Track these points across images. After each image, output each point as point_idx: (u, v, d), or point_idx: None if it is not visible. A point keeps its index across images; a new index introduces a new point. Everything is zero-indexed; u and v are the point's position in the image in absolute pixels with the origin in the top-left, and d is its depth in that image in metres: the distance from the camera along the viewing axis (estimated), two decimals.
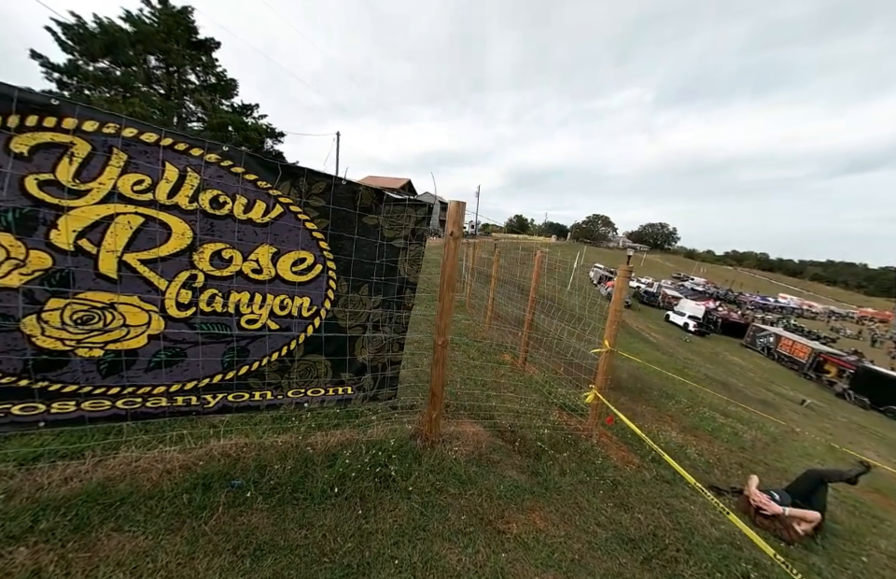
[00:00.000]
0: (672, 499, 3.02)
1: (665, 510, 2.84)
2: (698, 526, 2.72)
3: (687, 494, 3.30)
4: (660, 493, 3.04)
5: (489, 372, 4.97)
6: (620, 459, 3.46)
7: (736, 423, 7.07)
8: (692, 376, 15.30)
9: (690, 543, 2.53)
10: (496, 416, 3.49)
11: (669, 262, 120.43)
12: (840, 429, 14.88)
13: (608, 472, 3.11)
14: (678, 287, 54.90)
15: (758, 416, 10.66)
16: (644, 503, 2.85)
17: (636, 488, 3.01)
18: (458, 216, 2.52)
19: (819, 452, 8.40)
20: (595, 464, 3.17)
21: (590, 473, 3.02)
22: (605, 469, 3.15)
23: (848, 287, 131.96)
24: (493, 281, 7.36)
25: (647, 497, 2.94)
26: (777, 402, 17.04)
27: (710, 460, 4.34)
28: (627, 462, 3.43)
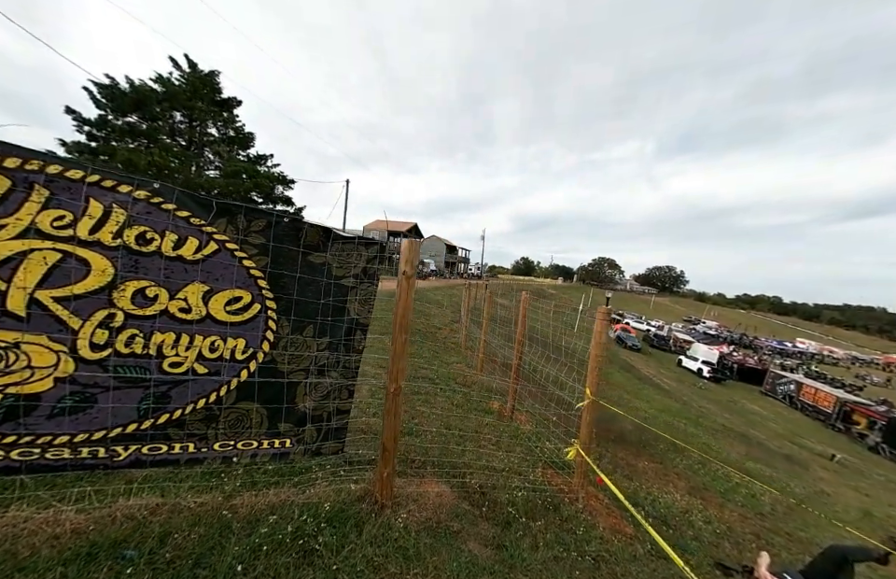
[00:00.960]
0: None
1: None
2: None
3: None
4: (653, 573, 2.59)
5: (472, 421, 4.60)
6: (609, 528, 3.02)
7: (754, 483, 6.40)
8: (707, 427, 14.35)
9: None
10: (468, 474, 3.12)
11: (679, 306, 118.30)
12: (877, 489, 13.55)
13: (591, 544, 2.68)
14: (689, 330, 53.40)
15: (780, 474, 9.78)
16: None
17: (623, 566, 2.57)
18: (411, 255, 2.35)
19: (854, 518, 7.57)
20: (576, 535, 2.74)
21: (569, 546, 2.60)
22: (588, 540, 2.72)
23: (869, 331, 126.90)
24: (485, 323, 7.10)
25: (629, 575, 2.50)
26: (803, 457, 15.78)
27: (719, 530, 3.82)
28: (617, 532, 2.99)
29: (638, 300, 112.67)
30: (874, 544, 3.23)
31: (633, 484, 4.21)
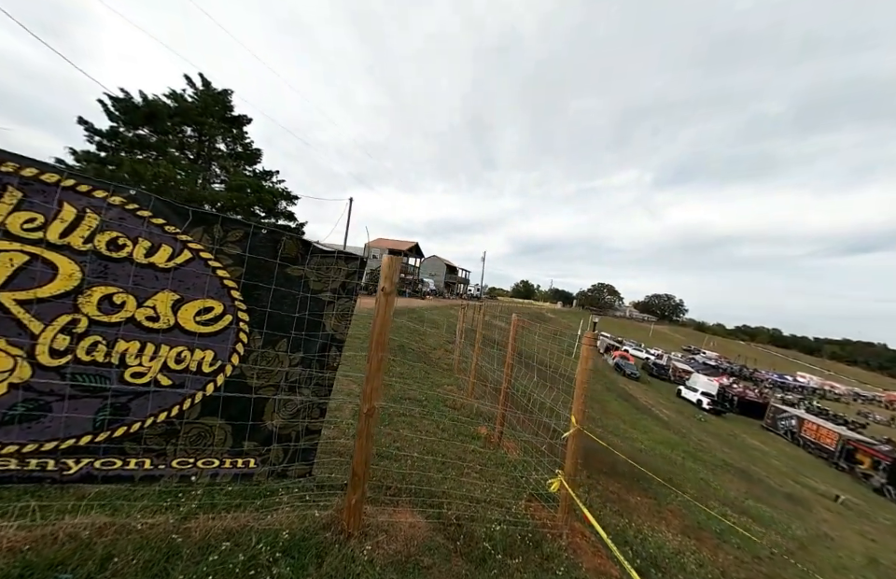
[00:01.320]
0: None
1: None
2: None
3: None
4: None
5: (457, 447, 4.45)
6: (593, 569, 2.85)
7: (752, 523, 6.16)
8: (706, 462, 13.97)
9: None
10: (445, 504, 2.97)
11: (678, 334, 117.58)
12: (883, 533, 13.07)
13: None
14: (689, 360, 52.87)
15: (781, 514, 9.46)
16: None
17: None
18: (391, 271, 2.30)
19: (859, 564, 7.27)
20: (556, 575, 2.58)
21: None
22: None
23: (870, 367, 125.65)
24: (476, 345, 6.99)
25: None
26: (805, 496, 15.30)
27: (714, 574, 3.62)
28: (602, 574, 2.82)
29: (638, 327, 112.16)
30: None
31: (623, 520, 4.03)
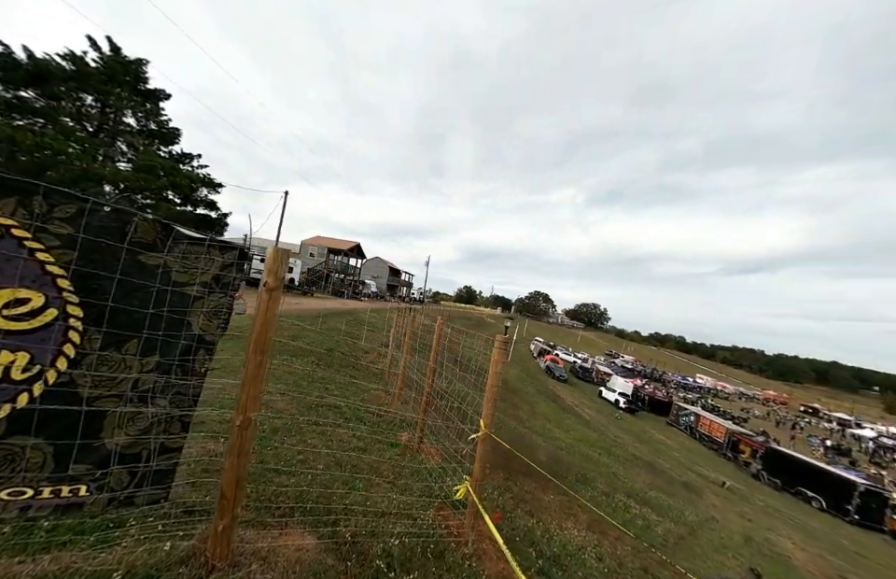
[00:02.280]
0: None
1: None
2: None
3: None
4: None
5: (372, 455, 4.22)
6: (496, 575, 2.82)
7: (650, 513, 6.76)
8: (618, 456, 15.27)
9: None
10: (343, 521, 2.74)
11: (602, 340, 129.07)
12: (758, 514, 15.33)
13: None
14: (610, 364, 58.10)
15: (678, 501, 10.55)
16: None
17: None
18: (276, 265, 2.05)
19: (736, 543, 8.28)
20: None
21: None
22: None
23: (752, 370, 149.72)
24: (405, 348, 6.82)
25: None
26: (699, 484, 17.42)
27: (612, 567, 3.84)
28: None
29: (568, 333, 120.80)
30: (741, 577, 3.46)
31: (532, 520, 4.13)
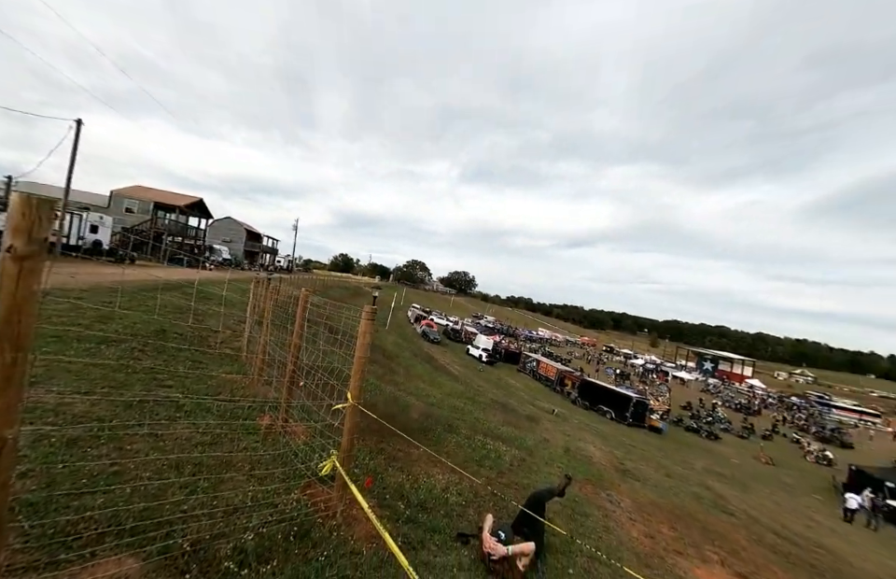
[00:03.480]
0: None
1: None
2: None
3: (437, 564, 3.01)
4: (394, 574, 2.57)
5: (223, 448, 3.68)
6: (364, 537, 2.88)
7: (501, 445, 7.99)
8: (480, 403, 17.53)
9: None
10: (178, 531, 2.32)
11: (471, 304, 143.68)
12: (574, 430, 19.97)
13: (335, 567, 2.45)
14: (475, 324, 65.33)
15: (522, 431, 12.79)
16: None
17: (368, 577, 2.45)
18: (26, 221, 1.43)
19: (560, 455, 10.51)
20: (320, 561, 2.45)
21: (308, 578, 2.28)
22: (333, 563, 2.48)
23: (575, 322, 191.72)
24: (266, 322, 6.06)
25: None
26: (537, 415, 21.55)
27: (469, 498, 4.41)
28: (373, 538, 2.89)
29: (442, 299, 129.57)
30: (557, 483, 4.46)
31: (403, 475, 4.39)
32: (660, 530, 5.43)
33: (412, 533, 3.27)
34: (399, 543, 3.07)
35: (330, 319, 5.78)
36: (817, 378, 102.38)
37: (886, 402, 72.22)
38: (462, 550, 3.24)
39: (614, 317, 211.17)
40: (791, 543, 7.46)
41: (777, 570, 5.12)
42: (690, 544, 5.15)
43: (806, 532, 10.10)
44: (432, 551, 3.10)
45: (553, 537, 3.87)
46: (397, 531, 3.23)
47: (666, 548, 4.77)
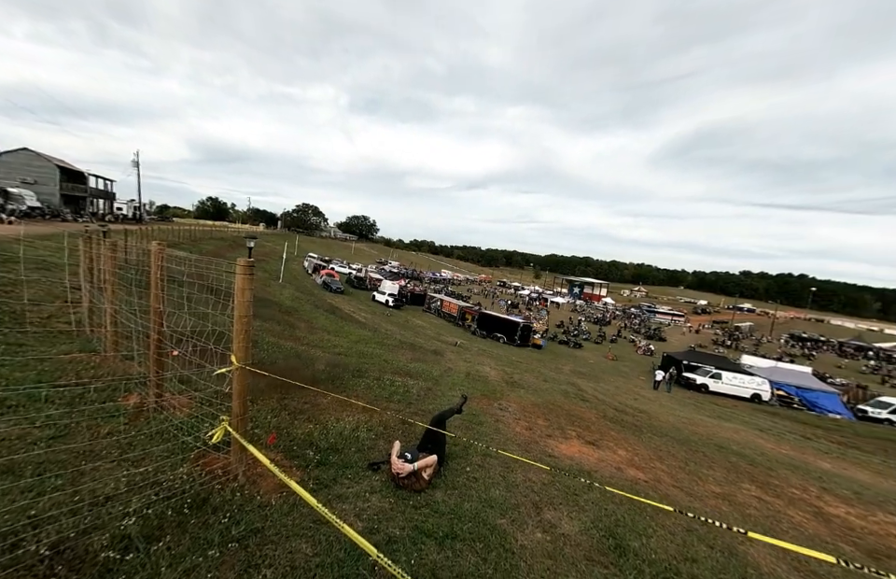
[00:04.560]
0: (320, 524, 2.75)
1: (308, 540, 2.50)
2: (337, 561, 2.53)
3: (349, 494, 3.19)
4: (302, 519, 2.66)
5: (78, 436, 3.09)
6: (272, 489, 2.88)
7: (410, 380, 8.49)
8: (388, 345, 17.96)
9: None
10: (29, 539, 1.96)
11: (373, 250, 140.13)
12: (474, 356, 22.17)
13: (242, 524, 2.42)
14: (380, 270, 64.55)
15: (429, 365, 13.70)
16: (285, 542, 2.39)
17: (278, 526, 2.50)
18: None
19: (461, 380, 11.64)
20: (223, 522, 2.39)
21: (211, 542, 2.22)
22: (238, 521, 2.44)
23: (474, 262, 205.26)
24: (109, 287, 4.94)
25: (292, 530, 2.50)
26: (442, 348, 23.18)
27: (379, 432, 4.68)
28: (281, 488, 2.90)
29: (342, 246, 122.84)
30: (456, 402, 5.03)
31: (311, 425, 4.38)
32: (537, 423, 6.67)
33: (323, 474, 3.37)
34: (311, 485, 3.16)
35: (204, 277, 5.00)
36: (647, 293, 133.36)
37: (688, 306, 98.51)
38: (374, 477, 3.50)
39: (506, 255, 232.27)
40: (624, 413, 10.04)
41: (613, 433, 6.90)
42: (557, 428, 6.51)
43: (634, 404, 13.67)
44: (345, 484, 3.28)
45: (454, 446, 4.44)
46: (308, 476, 3.30)
47: (541, 435, 5.95)
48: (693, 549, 3.17)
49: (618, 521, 3.39)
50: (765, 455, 8.39)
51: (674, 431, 8.65)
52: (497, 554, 2.68)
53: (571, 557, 2.81)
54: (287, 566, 2.20)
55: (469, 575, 2.42)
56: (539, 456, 4.99)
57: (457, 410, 4.61)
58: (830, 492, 5.98)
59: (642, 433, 7.57)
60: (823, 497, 5.66)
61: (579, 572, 2.65)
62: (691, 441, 7.83)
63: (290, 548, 2.34)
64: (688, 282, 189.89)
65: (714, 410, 19.54)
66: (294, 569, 2.19)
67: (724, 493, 4.97)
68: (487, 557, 2.62)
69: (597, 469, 4.93)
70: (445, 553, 2.59)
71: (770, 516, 4.47)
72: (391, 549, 2.50)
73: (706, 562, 3.02)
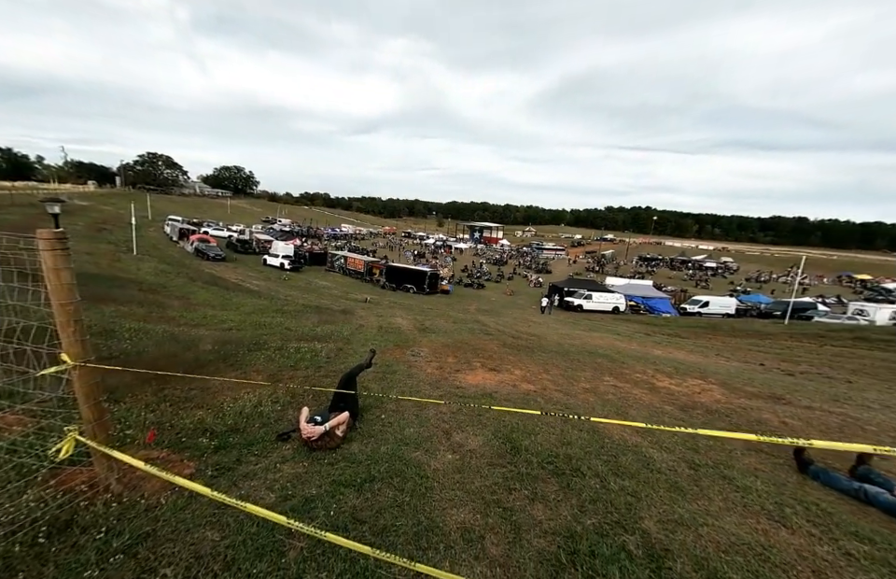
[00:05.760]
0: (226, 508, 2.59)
1: (213, 527, 2.35)
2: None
3: (257, 470, 3.04)
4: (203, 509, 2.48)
5: None
6: (159, 489, 2.57)
7: (318, 344, 8.15)
8: (291, 312, 16.69)
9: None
10: None
11: (256, 207, 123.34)
12: (386, 310, 22.16)
13: (124, 535, 2.14)
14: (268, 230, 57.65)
15: (338, 325, 13.26)
16: (185, 537, 2.21)
17: (169, 527, 2.28)
18: None
19: (374, 334, 11.60)
20: (97, 541, 2.08)
21: (86, 564, 1.92)
22: (119, 533, 2.15)
23: (376, 214, 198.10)
24: None
25: (192, 523, 2.31)
26: (352, 307, 22.54)
27: (286, 402, 4.47)
28: (168, 487, 2.61)
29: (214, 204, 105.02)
30: (364, 358, 5.07)
31: (202, 411, 3.93)
32: (447, 361, 7.19)
33: (224, 458, 3.13)
34: (209, 473, 2.92)
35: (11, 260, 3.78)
36: (536, 232, 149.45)
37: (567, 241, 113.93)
38: (284, 447, 3.39)
39: (408, 205, 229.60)
40: (519, 339, 11.47)
41: (511, 357, 7.88)
42: (464, 362, 7.14)
43: (528, 330, 15.67)
44: (251, 462, 3.11)
45: (368, 399, 4.54)
46: (204, 465, 3.02)
47: (451, 371, 6.46)
48: (568, 435, 3.95)
49: (513, 428, 3.99)
50: (620, 353, 10.64)
51: (557, 347, 10.27)
52: (414, 482, 2.93)
53: (476, 466, 3.25)
54: (190, 558, 2.05)
55: (388, 508, 2.62)
56: (449, 389, 5.44)
57: (367, 365, 4.66)
58: (660, 371, 7.98)
59: (533, 353, 8.81)
60: (656, 376, 7.53)
61: (482, 476, 3.10)
62: (569, 352, 9.42)
63: (192, 540, 2.18)
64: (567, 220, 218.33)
65: (587, 325, 23.66)
66: (200, 558, 2.06)
67: (591, 387, 6.22)
68: (404, 488, 2.86)
69: (497, 389, 5.63)
70: (364, 495, 2.73)
71: (622, 397, 5.80)
72: (308, 508, 2.53)
73: (577, 442, 3.82)
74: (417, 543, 2.31)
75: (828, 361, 15.10)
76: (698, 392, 6.47)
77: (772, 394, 6.62)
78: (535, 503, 2.79)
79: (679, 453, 3.77)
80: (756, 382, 7.79)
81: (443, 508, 2.66)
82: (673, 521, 2.68)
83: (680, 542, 2.47)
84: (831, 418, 5.42)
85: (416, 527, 2.45)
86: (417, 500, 2.73)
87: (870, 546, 2.55)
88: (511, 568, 2.17)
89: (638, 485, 3.12)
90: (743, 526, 2.69)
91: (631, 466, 3.42)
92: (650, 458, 3.61)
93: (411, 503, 2.68)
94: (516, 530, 2.47)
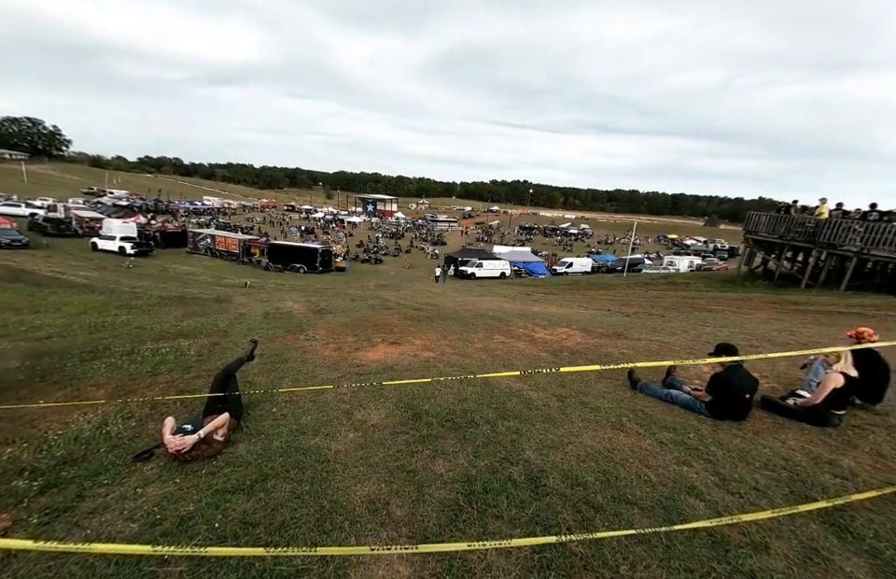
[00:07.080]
0: (61, 568, 2.07)
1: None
2: None
3: (110, 502, 2.48)
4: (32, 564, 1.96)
5: None
6: None
7: (184, 341, 6.94)
8: (141, 307, 13.62)
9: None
10: None
11: (71, 174, 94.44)
12: (272, 293, 19.91)
13: None
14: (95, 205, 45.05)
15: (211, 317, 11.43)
16: None
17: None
18: None
19: (258, 323, 10.40)
20: None
21: None
22: None
23: (248, 184, 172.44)
24: None
25: None
26: (228, 294, 19.58)
27: (145, 414, 3.73)
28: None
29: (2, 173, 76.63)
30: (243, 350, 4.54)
31: (12, 446, 2.98)
32: (346, 341, 6.97)
33: (56, 499, 2.48)
34: (36, 521, 2.29)
35: None
36: (430, 205, 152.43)
37: (459, 212, 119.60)
38: (146, 467, 2.86)
39: (288, 174, 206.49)
40: (418, 310, 11.80)
41: (412, 329, 8.07)
42: (365, 340, 7.03)
43: (427, 300, 16.20)
44: (99, 495, 2.54)
45: (254, 394, 4.11)
46: (27, 512, 2.35)
47: (350, 350, 6.29)
48: (464, 392, 4.32)
49: (414, 396, 4.16)
50: (506, 313, 11.92)
51: (453, 314, 10.92)
52: (314, 470, 2.83)
53: (379, 439, 3.31)
54: None
55: (285, 503, 2.48)
56: (348, 370, 5.31)
57: (247, 358, 4.18)
58: (537, 325, 9.26)
59: (432, 322, 9.19)
60: (534, 329, 8.71)
61: (385, 447, 3.18)
62: (464, 317, 10.13)
63: None
64: (458, 192, 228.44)
65: (479, 291, 25.66)
66: None
67: (484, 346, 6.86)
68: (303, 478, 2.74)
69: (398, 362, 5.74)
70: (256, 497, 2.53)
71: (508, 351, 6.57)
72: (185, 527, 2.22)
73: (472, 397, 4.21)
74: (321, 527, 2.27)
75: (650, 302, 19.74)
76: (565, 338, 7.75)
77: (615, 332, 8.37)
78: (436, 459, 3.00)
79: (551, 390, 4.50)
80: (605, 324, 9.72)
81: (347, 487, 2.65)
82: (546, 446, 3.23)
83: (552, 462, 3.01)
84: (651, 345, 7.16)
85: (318, 513, 2.39)
86: (318, 486, 2.65)
87: (673, 434, 3.53)
88: (416, 523, 2.33)
89: (521, 423, 3.64)
90: (595, 438, 3.42)
91: (515, 408, 3.95)
92: (529, 398, 4.23)
93: (311, 491, 2.59)
94: (419, 489, 2.64)
